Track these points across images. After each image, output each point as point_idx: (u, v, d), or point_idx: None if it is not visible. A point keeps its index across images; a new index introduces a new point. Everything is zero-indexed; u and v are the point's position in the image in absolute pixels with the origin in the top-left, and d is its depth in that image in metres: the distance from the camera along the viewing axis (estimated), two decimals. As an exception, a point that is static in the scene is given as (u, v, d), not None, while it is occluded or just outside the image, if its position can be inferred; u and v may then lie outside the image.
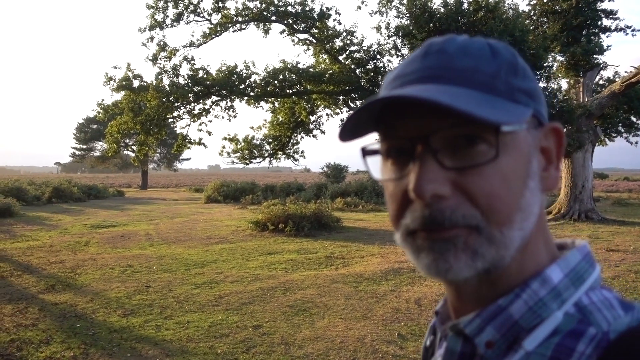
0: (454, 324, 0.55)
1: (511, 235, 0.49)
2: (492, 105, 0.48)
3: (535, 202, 0.52)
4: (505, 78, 0.51)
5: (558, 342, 0.48)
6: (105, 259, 8.61)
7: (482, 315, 0.52)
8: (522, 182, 0.50)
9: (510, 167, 0.49)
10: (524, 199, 0.50)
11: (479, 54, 0.52)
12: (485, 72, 0.51)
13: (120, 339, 4.63)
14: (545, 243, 0.55)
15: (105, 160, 54.73)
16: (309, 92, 15.18)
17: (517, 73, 0.53)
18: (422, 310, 5.47)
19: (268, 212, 12.11)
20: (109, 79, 14.41)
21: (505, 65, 0.52)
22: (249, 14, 14.96)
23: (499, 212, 0.48)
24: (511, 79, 0.52)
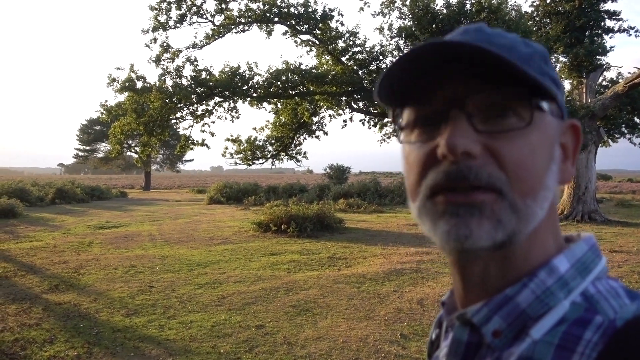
0: (461, 313, 0.56)
1: (533, 208, 0.50)
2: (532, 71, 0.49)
3: (553, 187, 0.54)
4: (538, 62, 0.54)
5: (565, 330, 0.49)
6: (109, 259, 8.63)
7: (490, 305, 0.53)
8: (547, 162, 0.53)
9: (539, 142, 0.51)
10: (547, 179, 0.52)
11: (513, 38, 0.55)
12: (520, 51, 0.53)
13: (124, 339, 4.64)
14: (553, 234, 0.56)
15: (108, 162, 54.86)
16: (312, 93, 15.20)
17: (547, 62, 0.56)
18: (425, 311, 5.47)
19: (271, 213, 12.12)
20: (112, 80, 14.44)
21: (538, 53, 0.55)
22: (252, 15, 14.99)
23: (524, 181, 0.50)
24: (543, 65, 0.54)
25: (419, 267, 7.68)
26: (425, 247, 9.53)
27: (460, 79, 0.51)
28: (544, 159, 0.52)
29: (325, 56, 16.07)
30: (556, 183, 0.54)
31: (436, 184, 0.51)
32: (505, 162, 0.49)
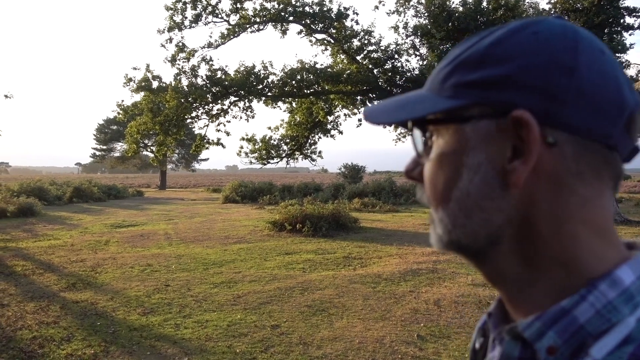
0: (511, 327, 0.51)
1: (442, 218, 0.54)
2: (403, 108, 0.56)
3: (492, 196, 0.50)
4: (443, 77, 0.54)
5: (632, 352, 0.43)
6: (125, 258, 8.69)
7: (543, 318, 0.48)
8: (450, 173, 0.52)
9: (435, 158, 0.54)
10: (456, 190, 0.52)
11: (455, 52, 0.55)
12: (434, 79, 0.56)
13: (140, 337, 4.66)
14: (607, 241, 0.50)
15: (124, 161, 55.37)
16: (327, 92, 15.17)
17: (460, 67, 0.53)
18: (442, 312, 5.41)
19: (285, 213, 12.11)
20: (129, 80, 14.56)
21: (445, 69, 0.54)
22: (267, 14, 15.00)
23: (430, 196, 0.56)
24: (448, 77, 0.53)
25: (435, 267, 7.61)
26: (441, 247, 9.44)
27: None
28: (445, 174, 0.53)
29: (340, 55, 16.03)
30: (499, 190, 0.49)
31: None
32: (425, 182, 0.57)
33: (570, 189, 0.48)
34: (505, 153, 0.49)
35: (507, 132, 0.49)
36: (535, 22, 0.51)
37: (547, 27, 0.50)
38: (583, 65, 0.47)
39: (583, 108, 0.47)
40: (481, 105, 0.50)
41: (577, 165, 0.48)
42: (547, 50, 0.48)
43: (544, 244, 0.49)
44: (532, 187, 0.49)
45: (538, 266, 0.50)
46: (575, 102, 0.47)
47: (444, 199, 0.53)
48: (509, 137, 0.49)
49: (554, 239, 0.49)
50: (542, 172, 0.48)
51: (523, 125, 0.47)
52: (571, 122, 0.47)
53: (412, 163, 0.59)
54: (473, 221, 0.51)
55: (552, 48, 0.48)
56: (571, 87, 0.47)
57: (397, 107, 0.56)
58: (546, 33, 0.49)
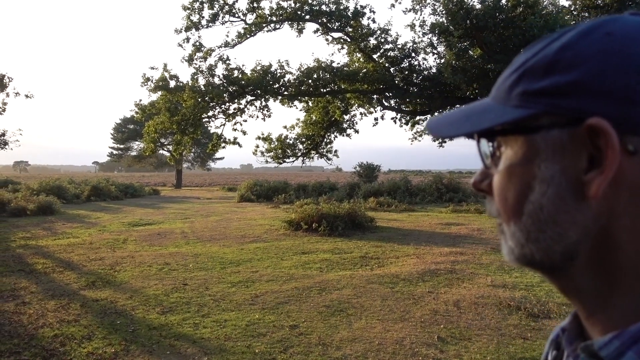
0: (586, 344, 0.48)
1: (515, 232, 0.51)
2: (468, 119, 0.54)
3: (567, 209, 0.47)
4: (509, 85, 0.52)
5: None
6: (143, 256, 8.75)
7: (622, 337, 0.45)
8: (522, 186, 0.50)
9: (504, 171, 0.52)
10: (528, 204, 0.50)
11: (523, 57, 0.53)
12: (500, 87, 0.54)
13: (160, 337, 4.67)
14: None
15: (141, 160, 55.91)
16: (343, 91, 15.13)
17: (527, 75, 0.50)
18: (462, 313, 5.34)
19: (301, 212, 12.09)
20: (146, 80, 14.68)
21: (511, 77, 0.52)
22: (283, 13, 15.00)
23: (500, 209, 0.54)
24: (515, 86, 0.51)
25: (454, 268, 7.53)
26: (459, 247, 9.36)
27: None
28: (515, 186, 0.51)
29: (356, 54, 15.98)
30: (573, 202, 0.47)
31: None
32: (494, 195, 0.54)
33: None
34: (580, 164, 0.46)
35: (581, 141, 0.46)
36: (609, 21, 0.47)
37: (622, 25, 0.46)
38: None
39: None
40: (551, 114, 0.47)
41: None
42: (622, 51, 0.45)
43: (625, 259, 0.46)
44: (611, 199, 0.45)
45: (618, 282, 0.47)
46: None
47: (516, 213, 0.51)
48: (584, 147, 0.46)
49: (636, 253, 0.45)
50: (621, 183, 0.45)
51: (600, 134, 0.44)
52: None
53: (480, 174, 0.57)
54: (547, 235, 0.49)
55: (628, 48, 0.45)
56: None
57: (462, 119, 0.55)
58: (621, 32, 0.46)
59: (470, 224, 13.13)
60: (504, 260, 4.03)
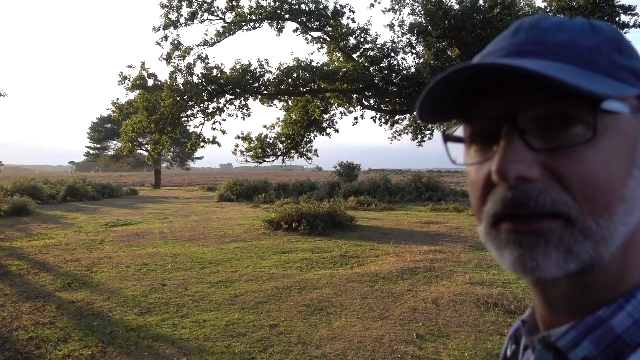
0: (543, 335, 0.49)
1: (611, 228, 0.43)
2: (590, 80, 0.42)
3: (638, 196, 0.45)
4: (607, 54, 0.45)
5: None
6: (121, 257, 8.64)
7: (578, 328, 0.46)
8: (626, 169, 0.44)
9: (610, 151, 0.43)
10: (627, 189, 0.44)
11: (576, 29, 0.46)
12: (583, 46, 0.45)
13: (138, 338, 4.62)
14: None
15: (118, 159, 55.19)
16: (323, 90, 15.15)
17: (621, 50, 0.46)
18: (440, 310, 5.40)
19: (281, 211, 12.07)
20: (124, 78, 14.50)
21: (607, 41, 0.46)
22: (263, 12, 14.96)
23: (595, 199, 0.43)
24: (614, 56, 0.45)
25: (433, 266, 7.60)
26: (438, 246, 9.44)
27: (509, 89, 0.45)
28: (620, 168, 0.44)
29: (336, 53, 16.03)
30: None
31: (495, 212, 0.45)
32: (570, 182, 0.43)
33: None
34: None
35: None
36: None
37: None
38: None
39: None
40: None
41: None
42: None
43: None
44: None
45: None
46: None
47: (617, 201, 0.43)
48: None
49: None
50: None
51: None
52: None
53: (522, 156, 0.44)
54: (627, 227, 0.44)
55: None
56: None
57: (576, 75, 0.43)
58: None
59: (448, 222, 13.26)
60: (482, 257, 4.10)
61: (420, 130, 18.22)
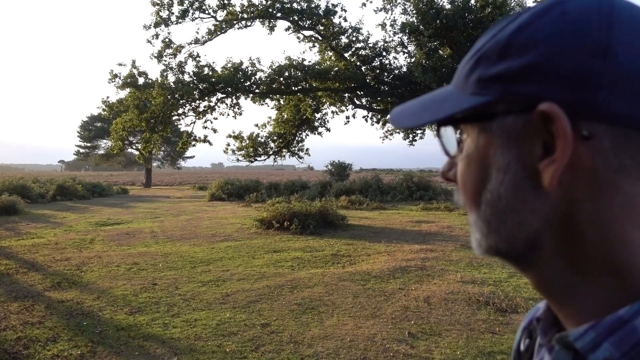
0: (561, 336, 0.47)
1: (477, 222, 0.51)
2: (428, 109, 0.53)
3: (525, 197, 0.46)
4: (468, 71, 0.50)
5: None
6: (111, 256, 8.57)
7: (598, 328, 0.43)
8: (479, 174, 0.49)
9: (463, 159, 0.52)
10: (486, 192, 0.49)
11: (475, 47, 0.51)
12: (461, 69, 0.52)
13: (128, 337, 4.58)
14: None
15: (109, 158, 54.80)
16: (315, 89, 15.13)
17: (479, 62, 0.48)
18: (432, 309, 5.40)
19: (273, 210, 12.04)
20: (114, 76, 14.39)
21: (476, 56, 0.49)
22: (254, 10, 14.91)
23: (464, 198, 0.53)
24: (472, 71, 0.49)
25: (424, 265, 7.61)
26: (430, 245, 9.46)
27: None
28: (473, 175, 0.50)
29: (328, 52, 16.01)
30: (532, 191, 0.45)
31: None
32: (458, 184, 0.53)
33: (613, 187, 0.43)
34: (536, 151, 0.45)
35: (535, 127, 0.44)
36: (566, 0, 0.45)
37: (578, 3, 0.44)
38: (620, 44, 0.41)
39: (622, 93, 0.41)
40: (506, 100, 0.46)
41: (619, 159, 0.43)
42: (576, 32, 0.42)
43: (590, 248, 0.44)
44: (570, 186, 0.44)
45: (587, 272, 0.45)
46: (611, 88, 0.41)
47: (476, 202, 0.50)
48: (538, 133, 0.44)
49: (601, 242, 0.44)
50: (579, 170, 0.43)
51: (552, 120, 0.42)
52: (608, 111, 0.41)
53: (447, 164, 0.56)
54: (507, 225, 0.48)
55: (582, 28, 0.42)
56: (606, 70, 0.41)
57: (423, 108, 0.53)
58: (576, 11, 0.43)
59: (440, 222, 13.29)
60: (474, 256, 4.11)
61: (411, 130, 18.26)
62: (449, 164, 0.56)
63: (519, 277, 6.80)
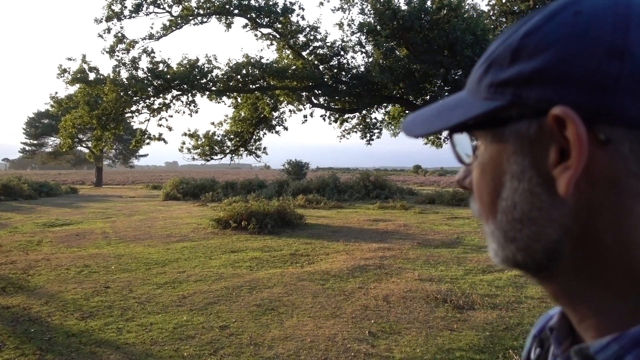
0: (580, 347, 0.45)
1: (493, 232, 0.49)
2: (440, 116, 0.51)
3: (541, 205, 0.44)
4: (479, 77, 0.49)
5: None
6: (60, 259, 8.23)
7: (622, 340, 0.41)
8: (494, 182, 0.48)
9: (477, 167, 0.50)
10: (501, 201, 0.47)
11: (485, 54, 0.51)
12: (474, 74, 0.50)
13: (79, 344, 4.39)
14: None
15: (57, 157, 52.82)
16: (272, 87, 14.99)
17: (490, 67, 0.47)
18: (391, 307, 5.44)
19: (230, 210, 11.88)
20: (63, 71, 13.82)
21: (487, 61, 0.48)
22: (211, 6, 14.64)
23: (480, 207, 0.51)
24: (483, 77, 0.48)
25: (382, 263, 7.67)
26: (387, 243, 9.55)
27: None
28: (488, 182, 0.49)
29: (286, 50, 15.91)
30: (549, 198, 0.43)
31: None
32: (474, 192, 0.52)
33: (633, 193, 0.41)
34: (551, 157, 0.43)
35: (550, 132, 0.42)
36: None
37: (593, 3, 0.42)
38: (637, 45, 0.40)
39: (639, 95, 0.39)
40: (519, 105, 0.44)
41: (638, 164, 0.41)
42: (590, 32, 0.41)
43: (612, 258, 0.42)
44: (588, 194, 0.42)
45: (609, 283, 0.43)
46: (629, 90, 0.39)
47: (492, 211, 0.49)
48: (553, 139, 0.42)
49: (625, 253, 0.42)
50: (597, 176, 0.41)
51: (566, 124, 0.41)
52: (626, 114, 0.39)
53: (463, 171, 0.55)
54: (524, 234, 0.46)
55: (597, 28, 0.40)
56: (623, 72, 0.39)
57: (435, 115, 0.52)
58: (590, 11, 0.42)
59: (396, 220, 13.46)
60: (430, 254, 4.17)
61: (369, 129, 18.41)
62: (465, 171, 0.54)
63: (475, 274, 6.95)
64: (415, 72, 13.97)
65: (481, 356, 4.10)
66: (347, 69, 15.24)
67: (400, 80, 14.13)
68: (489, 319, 4.99)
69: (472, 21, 11.84)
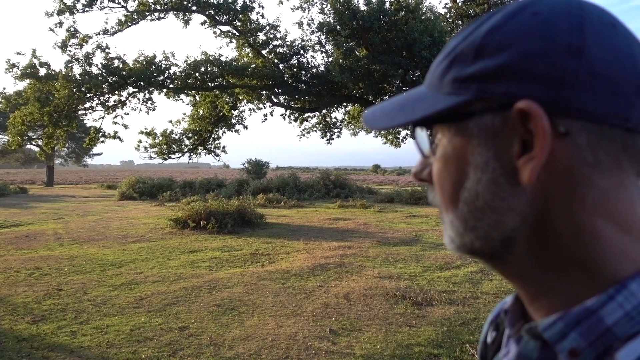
0: (530, 326, 0.47)
1: (453, 221, 0.51)
2: (402, 110, 0.52)
3: (503, 195, 0.46)
4: (442, 72, 0.50)
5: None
6: (9, 261, 7.90)
7: (566, 319, 0.44)
8: (457, 173, 0.49)
9: (440, 159, 0.51)
10: (464, 191, 0.49)
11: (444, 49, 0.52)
12: (434, 69, 0.52)
13: (31, 348, 4.23)
14: (635, 236, 0.46)
15: (5, 155, 50.72)
16: (232, 85, 14.86)
17: (454, 62, 0.49)
18: (352, 305, 5.48)
19: (188, 209, 11.70)
20: (12, 66, 13.28)
21: (449, 57, 0.50)
22: (168, 2, 14.39)
23: (440, 197, 0.52)
24: (447, 72, 0.49)
25: (343, 262, 7.72)
26: (347, 242, 9.62)
27: None
28: (451, 174, 0.50)
29: (245, 48, 15.80)
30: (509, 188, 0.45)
31: None
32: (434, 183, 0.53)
33: (587, 182, 0.44)
34: (514, 149, 0.45)
35: (513, 125, 0.45)
36: (536, 0, 0.46)
37: (548, 4, 0.45)
38: (592, 44, 0.43)
39: (596, 91, 0.42)
40: (483, 100, 0.46)
41: (593, 155, 0.44)
42: (549, 31, 0.43)
43: (563, 243, 0.45)
44: (546, 183, 0.44)
45: (558, 267, 0.46)
46: (586, 86, 0.42)
47: (453, 201, 0.50)
48: (516, 131, 0.45)
49: (573, 237, 0.45)
50: (555, 166, 0.44)
51: (530, 117, 0.43)
52: (584, 108, 0.42)
53: (420, 164, 0.56)
54: (484, 223, 0.48)
55: (555, 28, 0.43)
56: (580, 69, 0.42)
57: (397, 109, 0.53)
58: (547, 12, 0.45)
59: (356, 219, 13.57)
60: (390, 252, 4.25)
61: (329, 129, 18.49)
62: (422, 164, 0.56)
63: (433, 271, 7.09)
64: (375, 72, 14.13)
65: (439, 351, 4.19)
66: (307, 68, 15.27)
67: (360, 80, 14.25)
68: (447, 315, 5.10)
69: (429, 23, 12.06)
